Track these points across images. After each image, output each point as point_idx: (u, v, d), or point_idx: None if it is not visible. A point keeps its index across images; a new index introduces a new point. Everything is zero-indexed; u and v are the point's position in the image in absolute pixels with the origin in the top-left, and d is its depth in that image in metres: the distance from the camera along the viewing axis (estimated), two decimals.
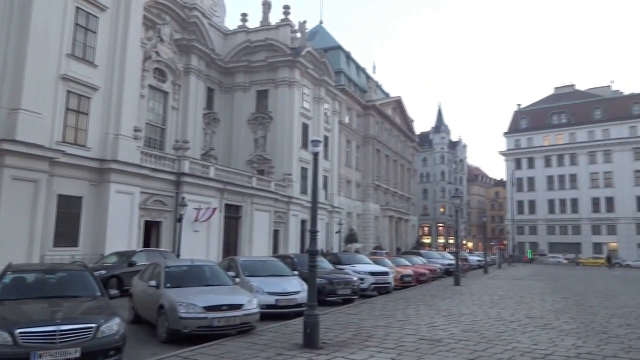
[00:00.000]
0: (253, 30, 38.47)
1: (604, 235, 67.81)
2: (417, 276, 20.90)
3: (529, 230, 73.65)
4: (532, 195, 74.20)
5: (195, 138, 32.65)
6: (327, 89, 41.84)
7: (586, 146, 70.92)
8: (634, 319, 11.08)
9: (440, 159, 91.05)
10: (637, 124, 67.97)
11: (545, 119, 75.97)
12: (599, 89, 76.73)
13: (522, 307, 13.08)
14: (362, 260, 19.26)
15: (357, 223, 49.50)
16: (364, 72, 58.58)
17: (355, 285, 14.54)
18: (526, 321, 10.49)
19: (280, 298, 11.33)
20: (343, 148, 47.19)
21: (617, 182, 67.78)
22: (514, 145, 77.62)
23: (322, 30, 57.32)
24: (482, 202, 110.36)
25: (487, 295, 16.09)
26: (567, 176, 72.08)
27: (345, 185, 47.29)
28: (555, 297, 15.79)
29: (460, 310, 12.13)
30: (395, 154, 61.49)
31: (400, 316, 11.04)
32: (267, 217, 30.92)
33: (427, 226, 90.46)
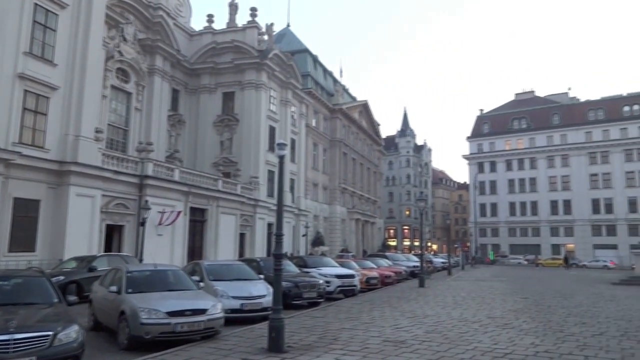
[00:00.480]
0: (219, 32, 38.11)
1: (561, 237, 70.26)
2: (382, 278, 21.11)
3: (491, 232, 75.53)
4: (494, 198, 76.16)
5: (160, 140, 32.06)
6: (294, 92, 41.84)
7: (545, 151, 73.36)
8: (588, 317, 11.50)
9: (406, 163, 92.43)
10: (592, 130, 70.77)
11: (507, 124, 78.17)
12: (557, 96, 79.57)
13: (484, 307, 13.38)
14: (329, 263, 19.31)
15: (324, 226, 49.62)
16: (331, 76, 58.90)
17: (322, 289, 14.55)
18: (487, 321, 10.74)
19: (245, 302, 11.24)
20: (310, 151, 47.26)
21: (573, 186, 70.37)
22: (477, 149, 79.54)
23: (290, 33, 57.34)
24: (446, 205, 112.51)
25: (450, 297, 16.39)
26: (527, 180, 74.37)
27: (312, 188, 47.37)
28: (516, 298, 16.23)
29: (425, 312, 12.31)
30: (362, 157, 62.00)
31: (365, 318, 11.12)
32: (233, 221, 30.62)
33: (393, 229, 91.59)
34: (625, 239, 64.33)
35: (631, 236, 64.22)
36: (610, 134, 69.35)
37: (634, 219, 64.94)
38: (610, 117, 70.25)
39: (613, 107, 71.01)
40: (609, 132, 69.53)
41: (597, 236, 67.68)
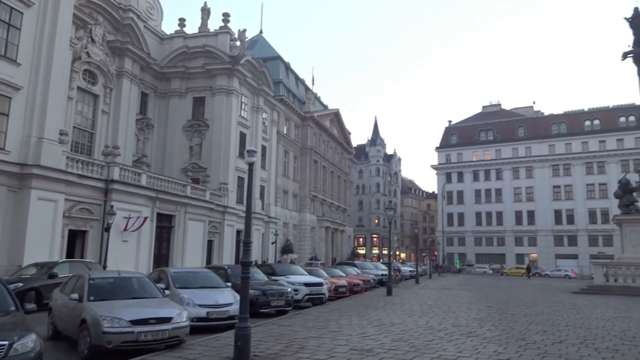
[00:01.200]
0: (191, 36, 37.76)
1: (525, 246, 72.06)
2: (351, 287, 21.17)
3: (458, 241, 76.85)
4: (461, 208, 77.59)
5: (127, 144, 31.43)
6: (266, 98, 41.77)
7: (510, 162, 75.31)
8: (550, 325, 11.79)
9: (376, 172, 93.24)
10: (555, 143, 73.09)
11: (474, 136, 79.95)
12: (523, 109, 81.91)
13: (450, 316, 13.57)
14: (297, 271, 19.25)
15: (294, 234, 49.50)
16: (303, 84, 59.10)
17: (289, 297, 14.48)
18: (453, 330, 10.89)
19: (211, 310, 11.08)
20: (281, 158, 47.19)
21: (537, 197, 72.39)
22: (445, 159, 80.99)
23: (262, 40, 57.34)
24: (414, 214, 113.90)
25: (417, 305, 16.56)
26: (493, 190, 76.12)
27: (282, 195, 47.25)
28: (480, 306, 16.52)
29: (391, 320, 12.39)
30: (333, 166, 62.27)
31: (333, 327, 11.12)
32: (201, 227, 30.20)
33: (362, 237, 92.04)
34: (585, 249, 66.56)
35: (591, 246, 66.58)
36: (572, 147, 71.80)
37: (594, 230, 67.22)
38: (572, 131, 72.77)
39: (575, 121, 73.62)
40: (570, 145, 71.96)
41: (559, 246, 69.74)
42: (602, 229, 65.39)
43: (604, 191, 65.82)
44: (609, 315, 14.30)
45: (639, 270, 24.37)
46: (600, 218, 66.54)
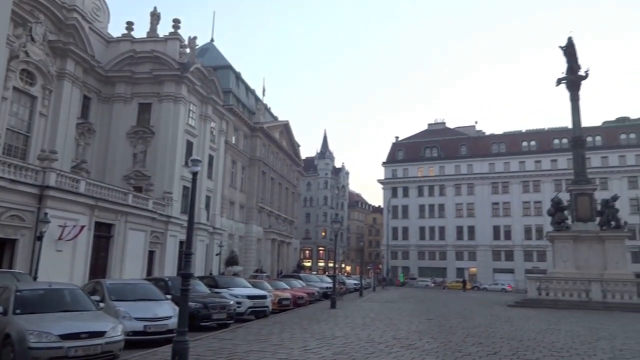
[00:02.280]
0: (139, 41, 36.80)
1: (465, 260, 74.52)
2: (295, 299, 21.10)
3: (402, 255, 78.39)
4: (405, 222, 79.35)
5: (66, 149, 30.05)
6: (215, 107, 41.24)
7: (453, 179, 77.98)
8: (485, 337, 12.22)
9: (324, 184, 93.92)
10: (495, 162, 76.45)
11: (420, 152, 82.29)
12: (466, 128, 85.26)
13: (391, 328, 13.77)
14: (241, 284, 18.99)
15: (239, 245, 48.82)
16: (254, 94, 58.87)
17: (232, 310, 14.24)
18: (393, 342, 11.06)
19: (149, 324, 10.71)
20: (228, 168, 46.59)
21: (477, 213, 75.24)
22: (392, 174, 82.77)
23: (213, 48, 56.77)
24: (361, 228, 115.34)
25: (360, 318, 16.70)
26: (437, 205, 78.42)
27: (228, 206, 46.57)
28: (421, 319, 16.88)
29: (334, 333, 12.43)
30: (281, 177, 62.13)
31: (274, 340, 11.02)
32: (142, 237, 29.18)
33: (309, 249, 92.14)
34: (521, 263, 69.66)
35: (526, 261, 69.80)
36: (510, 166, 75.33)
37: (529, 246, 70.54)
38: (510, 150, 76.46)
39: (513, 141, 77.42)
40: (509, 164, 75.48)
41: (497, 261, 72.61)
42: (536, 245, 68.70)
43: (538, 209, 69.21)
44: (540, 327, 14.99)
45: (568, 285, 25.75)
46: (535, 234, 69.90)
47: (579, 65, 30.32)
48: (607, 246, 26.72)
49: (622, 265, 26.87)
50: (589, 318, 18.82)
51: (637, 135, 70.78)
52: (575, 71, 30.20)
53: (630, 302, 24.12)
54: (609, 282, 24.96)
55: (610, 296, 24.67)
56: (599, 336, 13.05)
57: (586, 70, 30.02)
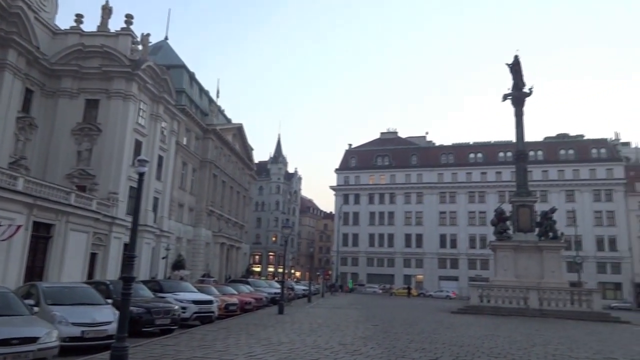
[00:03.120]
0: (89, 34, 35.46)
1: (413, 268, 76.15)
2: (242, 305, 20.86)
3: (352, 261, 79.17)
4: (356, 229, 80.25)
5: (4, 144, 28.49)
6: (167, 107, 40.30)
7: (403, 187, 79.68)
8: (428, 343, 12.51)
9: (276, 189, 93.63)
10: (443, 172, 78.76)
11: (372, 160, 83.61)
12: (416, 138, 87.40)
13: (337, 334, 13.86)
14: (186, 288, 18.57)
15: (187, 249, 47.77)
16: (207, 95, 57.97)
17: (176, 315, 13.89)
18: (338, 348, 11.13)
19: (87, 329, 10.28)
20: (178, 170, 45.57)
21: (425, 221, 77.17)
22: (344, 181, 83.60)
23: (167, 46, 55.54)
24: (312, 233, 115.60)
25: (307, 324, 16.70)
26: (387, 213, 79.82)
27: (177, 208, 45.51)
28: (367, 325, 17.08)
29: (280, 339, 12.37)
30: (232, 181, 61.39)
31: (219, 346, 10.84)
32: (84, 239, 28.01)
33: (258, 254, 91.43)
34: (465, 271, 71.97)
35: (470, 269, 72.18)
36: (458, 176, 77.83)
37: (473, 254, 73.00)
38: (458, 161, 79.04)
39: (461, 153, 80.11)
40: (457, 175, 77.99)
41: (443, 268, 74.65)
42: (480, 254, 71.16)
43: (483, 219, 71.76)
44: (481, 333, 15.51)
45: (508, 292, 26.81)
46: (479, 243, 72.39)
47: (523, 82, 31.77)
48: (544, 256, 28.03)
49: (558, 274, 28.26)
50: (526, 324, 19.65)
51: (575, 151, 74.87)
52: (520, 88, 31.63)
53: (564, 309, 25.38)
54: (545, 290, 26.17)
55: (546, 304, 25.86)
56: (534, 342, 13.64)
57: (530, 88, 31.51)
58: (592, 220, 70.13)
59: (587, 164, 72.91)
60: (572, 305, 25.66)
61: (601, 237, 69.64)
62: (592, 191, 71.43)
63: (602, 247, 69.25)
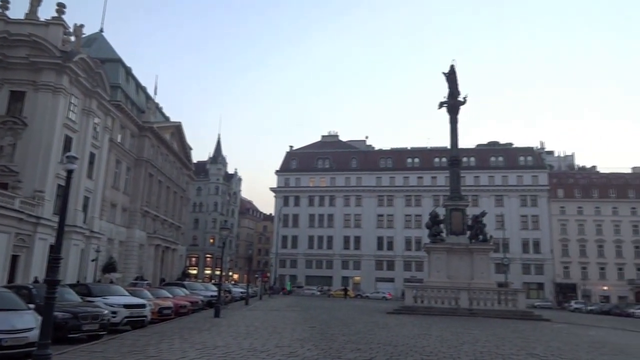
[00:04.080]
0: (15, 22, 33.29)
1: (351, 269, 77.25)
2: (177, 308, 20.28)
3: (290, 263, 79.12)
4: (295, 231, 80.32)
5: None
6: (100, 102, 38.56)
7: (343, 190, 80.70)
8: (363, 343, 12.71)
9: (215, 190, 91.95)
10: (382, 176, 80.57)
11: (312, 163, 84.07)
12: (357, 142, 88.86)
13: (274, 336, 13.78)
14: (117, 292, 17.79)
15: (119, 251, 45.87)
16: (144, 92, 56.04)
17: (105, 320, 13.26)
18: (275, 350, 11.07)
19: (5, 337, 9.58)
20: (112, 168, 43.70)
21: (364, 224, 78.56)
22: (284, 183, 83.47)
23: (102, 39, 53.15)
24: (251, 235, 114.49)
25: (244, 327, 16.50)
26: (326, 216, 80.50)
27: (109, 208, 43.61)
28: (304, 327, 17.11)
29: (215, 343, 12.14)
30: (169, 181, 59.64)
31: (151, 352, 10.47)
32: (4, 240, 26.26)
33: (195, 257, 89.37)
34: (401, 273, 73.91)
35: (406, 271, 74.21)
36: (395, 180, 79.89)
37: (409, 256, 75.13)
38: (396, 166, 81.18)
39: (399, 158, 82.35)
40: (394, 179, 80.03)
41: (380, 270, 76.27)
42: (415, 256, 73.36)
43: (419, 222, 74.02)
44: (414, 333, 15.97)
45: (440, 293, 27.80)
46: (414, 245, 74.60)
47: (459, 91, 33.10)
48: (475, 258, 29.32)
49: (487, 275, 29.66)
50: (456, 324, 20.44)
51: (504, 159, 79.02)
52: (455, 96, 32.93)
53: (492, 308, 26.64)
54: (475, 291, 27.37)
55: (475, 303, 27.04)
56: (463, 340, 14.21)
57: (464, 96, 32.88)
58: (518, 224, 74.24)
59: (515, 171, 77.15)
60: (499, 304, 26.98)
61: (526, 240, 73.87)
62: (519, 196, 75.64)
63: (527, 249, 73.46)
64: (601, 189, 75.34)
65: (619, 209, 73.69)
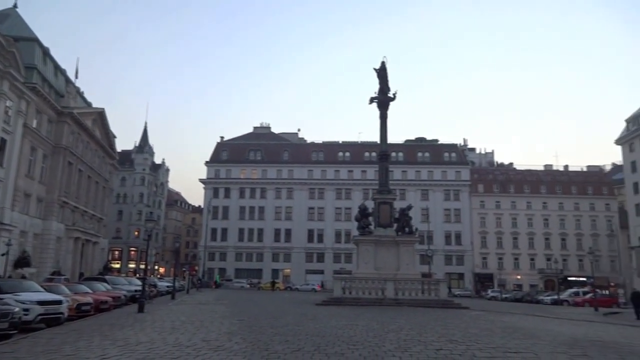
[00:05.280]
0: None
1: (281, 262, 77.39)
2: (97, 304, 19.36)
3: (220, 256, 77.91)
4: (225, 224, 79.13)
5: None
6: (13, 84, 35.70)
7: (275, 183, 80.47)
8: (292, 335, 12.77)
9: (141, 181, 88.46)
10: (313, 169, 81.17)
11: (244, 154, 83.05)
12: (289, 134, 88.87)
13: (201, 331, 13.51)
14: (30, 288, 16.65)
15: (34, 244, 42.89)
16: (64, 75, 52.55)
17: (16, 318, 12.37)
18: (201, 345, 10.85)
19: None
20: (26, 156, 40.66)
21: (295, 217, 78.86)
22: (214, 174, 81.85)
23: (16, 15, 49.10)
24: (179, 228, 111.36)
25: (169, 322, 16.04)
26: (257, 208, 79.95)
27: (23, 198, 40.60)
28: (233, 320, 16.92)
29: (139, 339, 11.70)
30: (91, 170, 56.52)
31: (67, 350, 9.91)
32: None
33: (118, 250, 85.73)
34: (330, 265, 75.02)
35: (335, 263, 75.44)
36: (327, 174, 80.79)
37: (338, 248, 76.42)
38: (328, 159, 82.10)
39: (331, 151, 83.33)
40: (326, 172, 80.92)
41: (310, 262, 77.01)
42: (345, 248, 74.74)
43: (348, 214, 75.47)
44: (342, 323, 16.26)
45: (368, 284, 28.50)
46: (344, 238, 76.01)
47: (389, 87, 33.93)
48: (401, 249, 30.33)
49: (412, 266, 30.78)
50: (383, 313, 21.07)
51: (430, 154, 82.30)
52: (385, 92, 33.74)
53: (416, 298, 27.71)
54: (400, 281, 28.32)
55: (401, 293, 27.99)
56: (388, 329, 14.67)
57: (394, 93, 33.77)
58: (442, 217, 77.72)
59: (440, 166, 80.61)
60: (423, 294, 28.12)
61: (449, 232, 77.55)
62: (443, 191, 79.14)
63: (449, 241, 77.15)
64: (517, 185, 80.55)
65: (532, 203, 79.18)
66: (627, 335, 15.14)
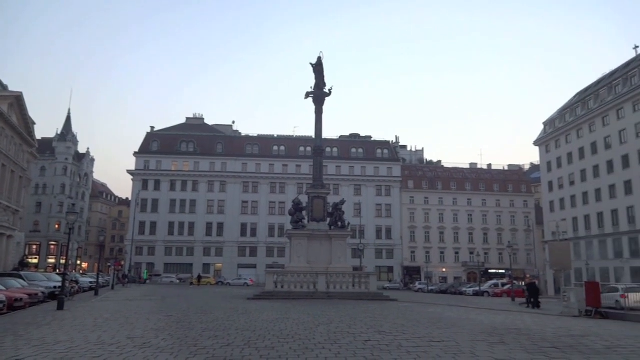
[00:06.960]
0: None
1: (213, 256, 76.05)
2: (11, 302, 18.07)
3: (148, 250, 75.31)
4: (154, 217, 76.52)
5: None
6: None
7: (207, 175, 78.78)
8: (221, 330, 12.57)
9: (63, 170, 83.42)
10: (248, 162, 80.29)
11: (175, 146, 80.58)
12: (223, 127, 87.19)
13: (126, 328, 12.98)
14: None
15: None
16: None
17: None
18: (126, 342, 10.42)
19: None
20: None
21: (227, 210, 77.68)
22: (143, 166, 78.81)
23: None
24: (104, 221, 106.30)
25: (91, 319, 15.28)
26: (188, 201, 77.96)
27: None
28: (160, 316, 16.39)
29: (57, 338, 11.04)
30: (6, 158, 52.44)
31: None
32: None
33: (36, 244, 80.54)
34: (263, 259, 74.72)
35: (268, 257, 75.23)
36: (261, 167, 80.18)
37: (272, 243, 76.24)
38: (262, 153, 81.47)
39: (266, 145, 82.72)
40: (260, 165, 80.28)
41: (242, 256, 76.25)
42: (278, 242, 74.65)
43: (282, 209, 75.44)
44: (273, 317, 16.23)
45: (300, 278, 28.67)
46: (277, 232, 75.91)
47: (325, 82, 34.19)
48: (333, 243, 30.77)
49: (344, 260, 31.33)
50: (314, 307, 21.27)
51: (364, 151, 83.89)
52: (322, 88, 33.98)
53: (347, 291, 28.23)
54: (332, 275, 28.72)
55: (332, 287, 28.40)
56: (319, 322, 14.83)
57: (330, 88, 34.07)
58: (373, 212, 79.59)
59: (373, 162, 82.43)
60: (354, 287, 28.70)
61: (380, 227, 79.57)
62: (375, 187, 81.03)
63: (380, 235, 79.20)
64: (444, 182, 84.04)
65: (457, 199, 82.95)
66: (540, 323, 16.27)
